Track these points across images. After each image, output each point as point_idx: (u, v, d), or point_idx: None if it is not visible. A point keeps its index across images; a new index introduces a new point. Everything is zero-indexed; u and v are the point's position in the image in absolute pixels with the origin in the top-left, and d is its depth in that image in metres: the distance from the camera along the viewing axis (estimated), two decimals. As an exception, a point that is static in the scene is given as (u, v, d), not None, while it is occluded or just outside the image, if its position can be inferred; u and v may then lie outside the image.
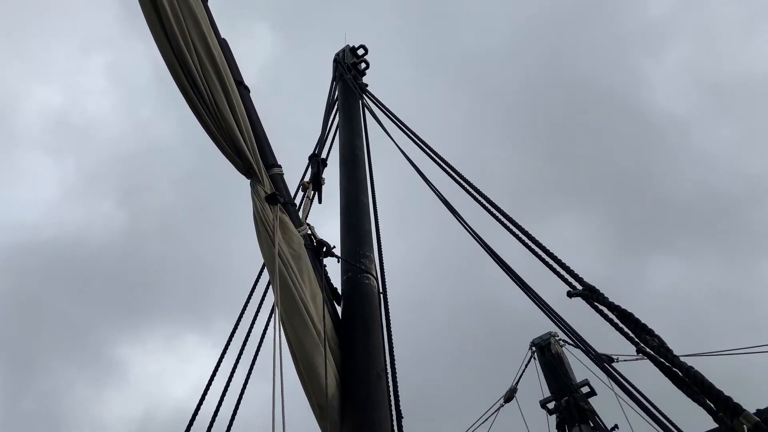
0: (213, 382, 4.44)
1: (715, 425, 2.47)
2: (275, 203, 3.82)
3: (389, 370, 3.85)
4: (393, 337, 4.11)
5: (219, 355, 4.61)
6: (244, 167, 3.89)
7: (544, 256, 3.31)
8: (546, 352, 9.83)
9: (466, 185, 4.67)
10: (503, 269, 4.02)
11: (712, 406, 2.44)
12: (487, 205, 4.27)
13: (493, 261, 4.53)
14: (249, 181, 3.93)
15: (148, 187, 33.20)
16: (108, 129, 34.52)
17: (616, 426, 8.21)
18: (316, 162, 5.07)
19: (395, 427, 3.57)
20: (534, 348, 10.12)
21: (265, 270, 4.49)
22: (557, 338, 10.02)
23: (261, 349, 4.79)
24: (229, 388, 4.54)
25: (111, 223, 32.11)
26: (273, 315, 4.44)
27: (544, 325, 10.42)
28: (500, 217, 4.04)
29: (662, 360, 2.60)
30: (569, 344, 10.03)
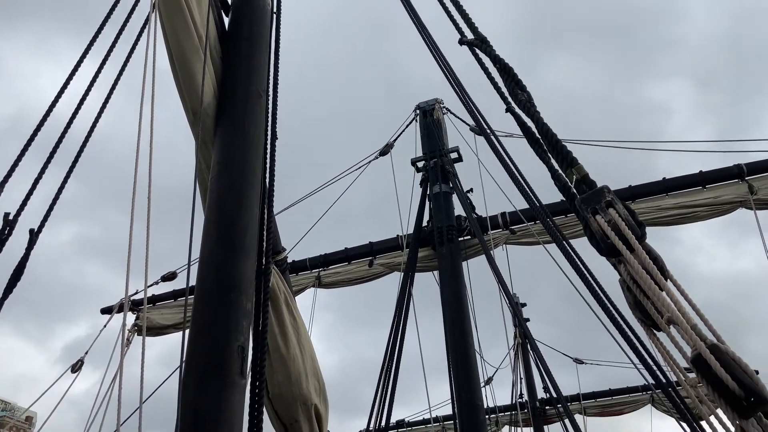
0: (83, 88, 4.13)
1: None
2: None
3: (271, 92, 3.82)
4: (280, 60, 3.99)
5: (83, 51, 4.24)
6: None
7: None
8: (428, 116, 10.27)
9: None
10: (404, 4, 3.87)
11: (556, 165, 2.69)
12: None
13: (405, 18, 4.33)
14: None
15: None
16: None
17: (470, 189, 9.17)
18: None
19: (269, 146, 3.67)
20: (418, 111, 10.52)
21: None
22: (441, 105, 10.43)
23: (136, 50, 4.45)
24: (92, 89, 4.27)
25: None
26: (151, 10, 4.06)
27: (433, 94, 10.85)
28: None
29: (525, 120, 2.78)
30: (451, 113, 10.57)
